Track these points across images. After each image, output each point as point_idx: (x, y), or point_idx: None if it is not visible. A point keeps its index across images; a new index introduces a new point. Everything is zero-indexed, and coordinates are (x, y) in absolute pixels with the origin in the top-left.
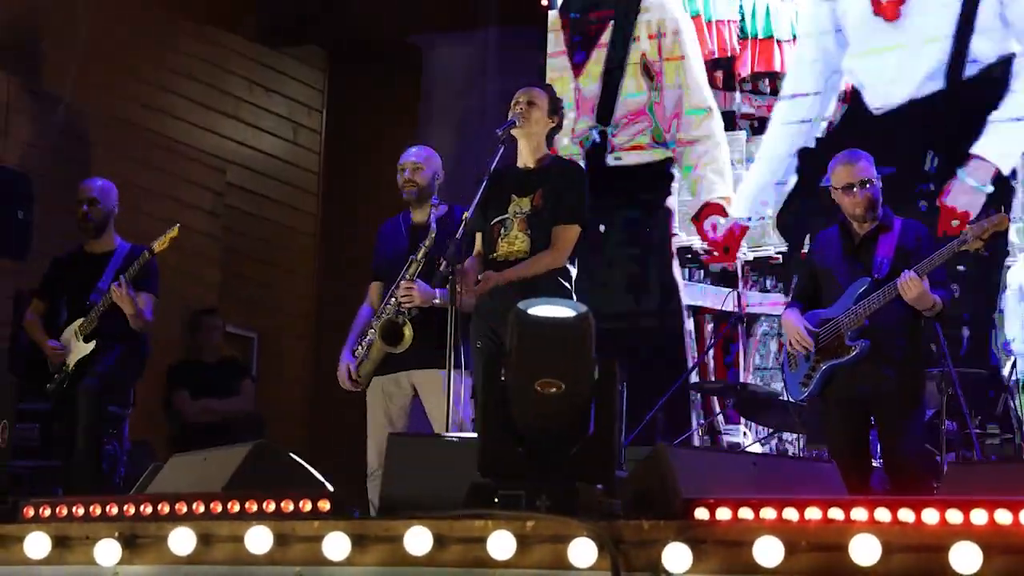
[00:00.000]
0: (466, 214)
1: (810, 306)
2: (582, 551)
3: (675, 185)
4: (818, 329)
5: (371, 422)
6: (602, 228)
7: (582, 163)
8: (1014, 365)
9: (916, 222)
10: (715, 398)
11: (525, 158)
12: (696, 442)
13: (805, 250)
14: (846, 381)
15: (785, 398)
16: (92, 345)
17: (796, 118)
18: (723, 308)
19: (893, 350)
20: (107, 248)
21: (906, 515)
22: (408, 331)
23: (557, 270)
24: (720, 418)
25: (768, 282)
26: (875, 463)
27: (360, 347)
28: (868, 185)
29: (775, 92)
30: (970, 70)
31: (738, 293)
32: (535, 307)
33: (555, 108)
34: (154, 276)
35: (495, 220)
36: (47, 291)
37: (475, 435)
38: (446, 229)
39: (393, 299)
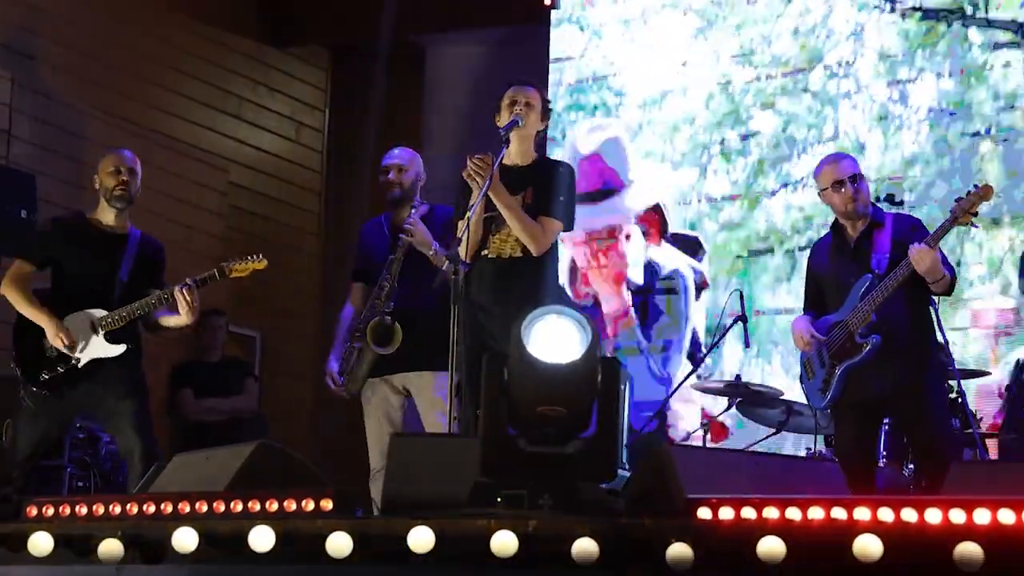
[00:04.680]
0: (469, 214)
1: (820, 314)
2: (584, 551)
3: None
4: (827, 336)
5: (370, 423)
6: None
7: None
8: None
9: (907, 215)
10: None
11: (515, 158)
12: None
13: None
14: (862, 382)
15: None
16: (120, 349)
17: None
18: None
19: (902, 341)
20: (121, 228)
21: (909, 515)
22: (399, 332)
23: (549, 271)
24: None
25: None
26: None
27: (351, 352)
28: (857, 180)
29: None
30: None
31: (739, 292)
32: (538, 324)
33: (546, 111)
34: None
35: (486, 215)
36: (43, 256)
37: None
38: (431, 228)
39: (379, 300)
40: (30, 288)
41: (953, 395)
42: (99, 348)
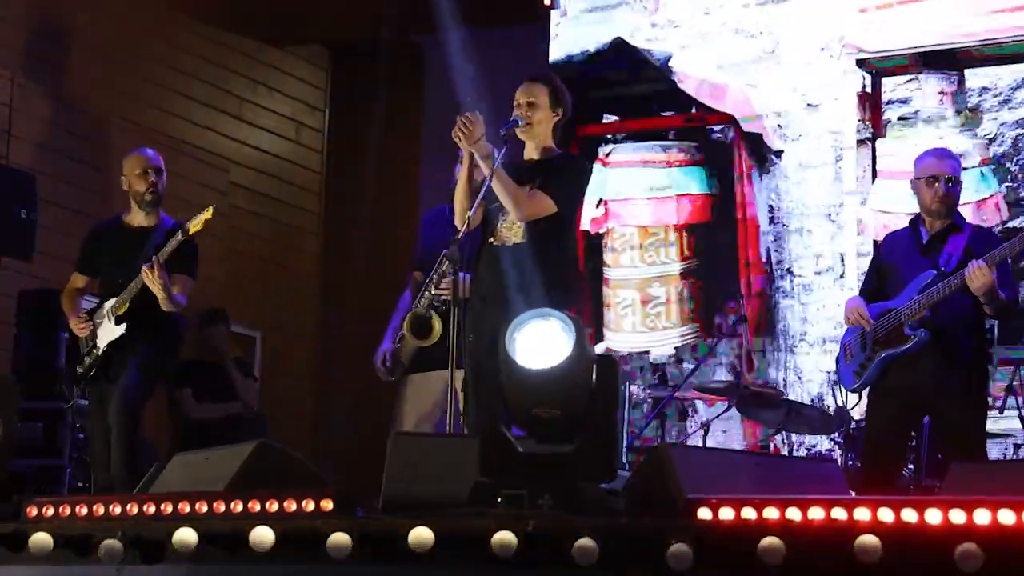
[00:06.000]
0: (469, 213)
1: (875, 301)
2: (584, 551)
3: None
4: (877, 320)
5: (403, 417)
6: None
7: None
8: None
9: (987, 229)
10: None
11: (531, 152)
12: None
13: None
14: (905, 372)
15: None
16: (121, 330)
17: None
18: None
19: (959, 349)
20: (151, 223)
21: (909, 515)
22: (438, 324)
23: (566, 269)
24: None
25: None
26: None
27: (399, 339)
28: (951, 183)
29: None
30: None
31: (740, 300)
32: (522, 331)
33: (558, 100)
34: (193, 258)
35: (495, 204)
36: (87, 265)
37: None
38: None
39: (427, 292)
40: (77, 300)
41: None
42: (109, 332)
